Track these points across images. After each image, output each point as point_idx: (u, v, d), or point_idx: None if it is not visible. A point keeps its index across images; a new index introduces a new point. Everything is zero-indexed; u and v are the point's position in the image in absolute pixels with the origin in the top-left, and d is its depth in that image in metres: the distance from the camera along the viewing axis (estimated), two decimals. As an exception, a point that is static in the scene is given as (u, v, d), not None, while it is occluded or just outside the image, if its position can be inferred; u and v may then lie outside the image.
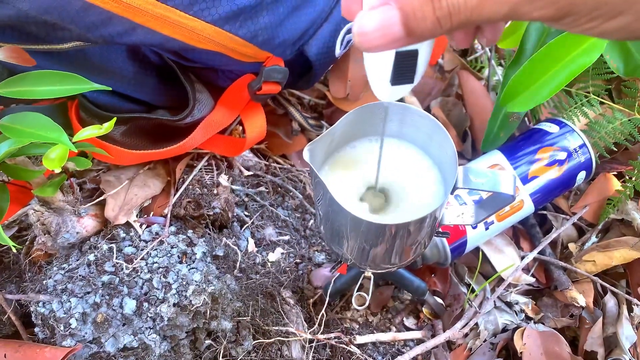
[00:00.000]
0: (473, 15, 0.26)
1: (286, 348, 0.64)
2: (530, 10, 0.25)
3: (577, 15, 0.25)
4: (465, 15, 0.26)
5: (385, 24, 0.27)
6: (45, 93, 0.52)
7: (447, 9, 0.26)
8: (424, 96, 0.89)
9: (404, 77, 0.33)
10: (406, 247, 0.49)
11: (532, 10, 0.25)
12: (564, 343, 0.68)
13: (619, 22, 0.25)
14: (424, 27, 0.26)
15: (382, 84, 0.34)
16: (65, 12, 0.50)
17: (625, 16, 0.25)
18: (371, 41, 0.27)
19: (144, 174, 0.69)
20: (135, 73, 0.63)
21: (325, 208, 0.48)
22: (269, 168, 0.81)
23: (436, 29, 0.27)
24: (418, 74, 0.33)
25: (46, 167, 0.50)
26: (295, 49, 0.66)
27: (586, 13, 0.25)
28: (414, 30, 0.27)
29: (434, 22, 0.26)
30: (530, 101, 0.64)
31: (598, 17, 0.25)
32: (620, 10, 0.25)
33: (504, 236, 0.77)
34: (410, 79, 0.33)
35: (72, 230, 0.60)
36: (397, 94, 0.35)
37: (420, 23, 0.26)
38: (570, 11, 0.25)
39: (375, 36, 0.27)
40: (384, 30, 0.27)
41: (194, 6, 0.54)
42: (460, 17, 0.26)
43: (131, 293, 0.58)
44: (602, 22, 0.26)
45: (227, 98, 0.68)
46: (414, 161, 0.50)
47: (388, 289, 0.75)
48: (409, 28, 0.27)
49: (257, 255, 0.71)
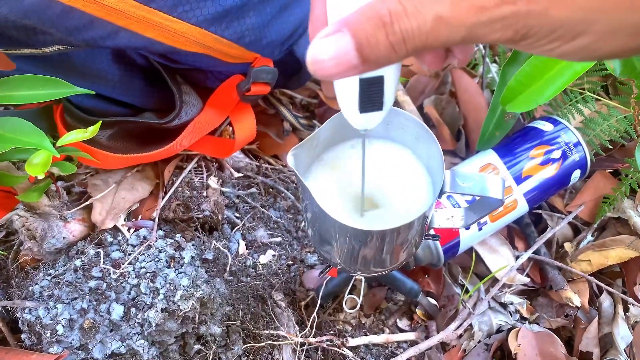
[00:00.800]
0: (429, 40, 0.25)
1: (277, 352, 0.64)
2: (487, 33, 0.25)
3: (535, 37, 0.25)
4: (420, 41, 0.25)
5: (340, 52, 0.26)
6: (26, 98, 0.51)
7: (400, 34, 0.25)
8: (417, 94, 0.88)
9: (372, 104, 0.32)
10: (395, 252, 0.49)
11: (488, 33, 0.25)
12: (559, 343, 0.67)
13: (579, 43, 0.25)
14: (378, 54, 0.26)
15: (352, 112, 0.33)
16: (45, 16, 0.49)
17: (585, 37, 0.25)
18: (326, 69, 0.26)
19: (132, 177, 0.68)
20: (121, 76, 0.62)
21: (311, 213, 0.47)
22: (260, 169, 0.80)
23: (391, 55, 0.26)
24: (387, 100, 0.32)
25: (29, 173, 0.49)
26: (284, 49, 0.65)
27: (544, 35, 0.25)
28: (368, 57, 0.26)
29: (388, 48, 0.25)
30: (532, 101, 0.63)
31: (557, 39, 0.25)
32: (579, 32, 0.24)
33: (499, 236, 0.76)
34: (379, 105, 0.32)
35: (58, 236, 0.60)
36: (370, 122, 0.34)
37: (374, 50, 0.26)
38: (527, 33, 0.25)
39: (331, 65, 0.26)
40: (339, 58, 0.26)
41: (177, 8, 0.53)
42: (415, 43, 0.25)
43: (119, 298, 0.57)
44: (561, 43, 0.25)
45: (215, 99, 0.67)
46: (401, 163, 0.49)
47: (381, 291, 0.75)
48: (364, 55, 0.26)
49: (248, 258, 0.70)
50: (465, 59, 0.31)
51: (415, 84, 0.88)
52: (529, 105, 0.63)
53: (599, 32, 0.24)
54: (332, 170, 0.48)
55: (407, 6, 0.25)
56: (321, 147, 0.49)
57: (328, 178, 0.48)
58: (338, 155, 0.50)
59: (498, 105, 0.73)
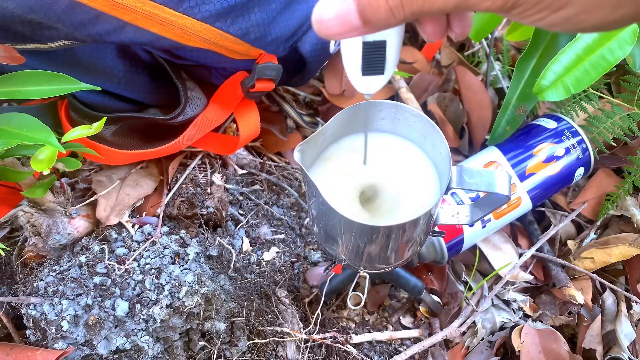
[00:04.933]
0: (425, 6, 0.27)
1: (281, 348, 0.64)
2: (479, 2, 0.27)
3: (524, 6, 0.27)
4: (417, 5, 0.27)
5: (342, 13, 0.28)
6: (32, 93, 0.51)
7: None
8: (420, 92, 0.88)
9: (374, 67, 0.35)
10: (401, 248, 0.49)
11: (481, 2, 0.27)
12: (562, 341, 0.67)
13: (565, 13, 0.26)
14: (378, 17, 0.28)
15: (355, 75, 0.36)
16: (52, 11, 0.49)
17: (570, 8, 0.26)
18: (329, 29, 0.29)
19: (137, 174, 0.68)
20: (126, 72, 0.62)
21: (317, 209, 0.47)
22: (264, 166, 0.80)
23: (390, 18, 0.28)
24: (389, 65, 0.35)
25: (34, 169, 0.49)
26: (289, 45, 0.65)
27: (533, 5, 0.26)
28: (369, 19, 0.28)
29: (388, 11, 0.28)
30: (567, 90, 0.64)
31: (544, 9, 0.26)
32: (564, 3, 0.26)
33: (502, 233, 0.76)
34: (381, 70, 0.35)
35: (63, 232, 0.60)
36: (372, 86, 0.37)
37: (375, 12, 0.28)
38: (517, 2, 0.26)
39: (333, 24, 0.29)
40: (341, 18, 0.28)
41: (183, 3, 0.53)
42: (412, 7, 0.27)
43: (123, 295, 0.57)
44: (548, 13, 0.27)
45: (220, 96, 0.67)
46: (408, 159, 0.49)
47: (385, 288, 0.75)
48: (365, 17, 0.28)
49: (252, 255, 0.70)
50: (463, 32, 0.33)
51: (418, 81, 0.88)
52: (564, 95, 0.64)
53: (583, 4, 0.26)
54: (337, 167, 0.48)
55: None
56: (327, 143, 0.49)
57: (334, 174, 0.48)
58: (344, 151, 0.49)
59: (511, 100, 0.73)
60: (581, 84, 0.63)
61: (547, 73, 0.64)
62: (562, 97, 0.64)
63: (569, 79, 0.63)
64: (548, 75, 0.64)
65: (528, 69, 0.71)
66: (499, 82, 0.89)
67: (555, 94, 0.64)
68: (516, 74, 0.72)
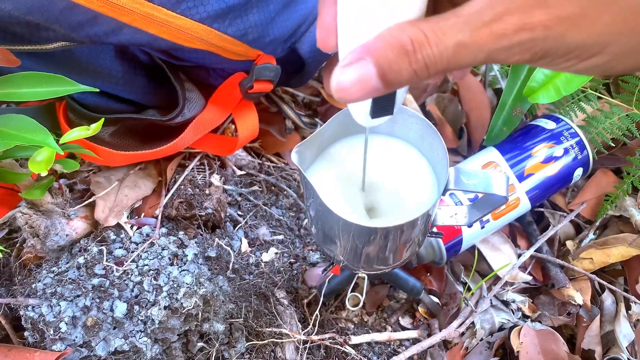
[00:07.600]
0: (450, 64, 0.26)
1: (280, 349, 0.64)
2: (507, 57, 0.26)
3: (552, 57, 0.26)
4: (442, 65, 0.26)
5: (364, 78, 0.27)
6: (30, 95, 0.51)
7: (423, 62, 0.26)
8: (419, 93, 0.88)
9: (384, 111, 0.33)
10: (399, 249, 0.49)
11: (508, 57, 0.26)
12: (561, 341, 0.67)
13: (595, 61, 0.26)
14: (401, 79, 0.27)
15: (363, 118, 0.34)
16: (49, 12, 0.49)
17: (600, 57, 0.25)
18: (351, 95, 0.28)
19: (135, 175, 0.68)
20: (124, 73, 0.62)
21: (315, 210, 0.47)
22: (263, 167, 0.80)
23: (413, 79, 0.27)
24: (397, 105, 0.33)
25: (32, 170, 0.49)
26: (287, 46, 0.65)
27: (561, 55, 0.26)
28: (391, 81, 0.27)
29: (411, 73, 0.27)
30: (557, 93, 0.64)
31: (573, 58, 0.26)
32: (594, 53, 0.25)
33: (501, 234, 0.76)
34: (390, 111, 0.34)
35: (61, 233, 0.60)
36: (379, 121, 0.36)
37: (397, 75, 0.27)
38: (545, 54, 0.26)
39: (355, 90, 0.27)
40: (362, 84, 0.27)
41: (181, 4, 0.53)
42: (437, 67, 0.26)
43: (122, 296, 0.57)
44: (577, 62, 0.26)
45: (218, 97, 0.67)
46: (406, 160, 0.49)
47: (383, 288, 0.75)
48: (386, 80, 0.27)
49: (251, 256, 0.70)
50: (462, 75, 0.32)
51: (417, 82, 0.88)
52: (554, 97, 0.64)
53: (614, 52, 0.25)
54: (335, 168, 0.48)
55: (429, 35, 0.25)
56: (325, 144, 0.49)
57: (332, 175, 0.48)
58: (342, 152, 0.49)
59: (507, 101, 0.73)
60: (572, 85, 0.63)
61: (537, 74, 0.64)
62: (553, 99, 0.63)
63: (559, 80, 0.63)
64: (537, 76, 0.64)
65: (524, 70, 0.71)
66: (497, 82, 0.89)
67: (546, 96, 0.64)
68: (512, 75, 0.71)
